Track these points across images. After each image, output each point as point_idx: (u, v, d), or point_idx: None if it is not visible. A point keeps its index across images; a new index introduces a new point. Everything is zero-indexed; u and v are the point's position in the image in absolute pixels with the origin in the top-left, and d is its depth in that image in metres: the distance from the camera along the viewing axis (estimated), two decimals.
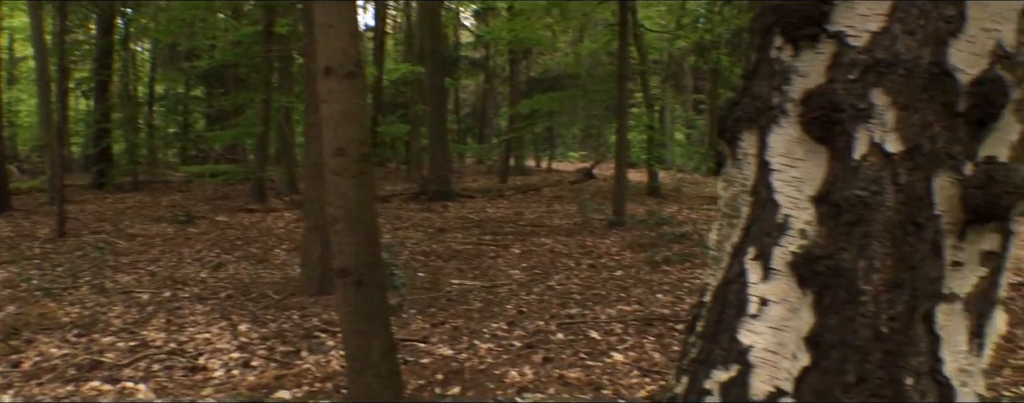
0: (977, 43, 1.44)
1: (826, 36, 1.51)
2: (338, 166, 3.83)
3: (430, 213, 15.88)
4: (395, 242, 12.04)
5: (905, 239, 1.43)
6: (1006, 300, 7.53)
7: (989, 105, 1.41)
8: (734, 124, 1.68)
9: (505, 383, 5.42)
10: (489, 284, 8.75)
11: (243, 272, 9.67)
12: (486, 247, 11.41)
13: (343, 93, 3.82)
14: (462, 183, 22.75)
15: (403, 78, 25.23)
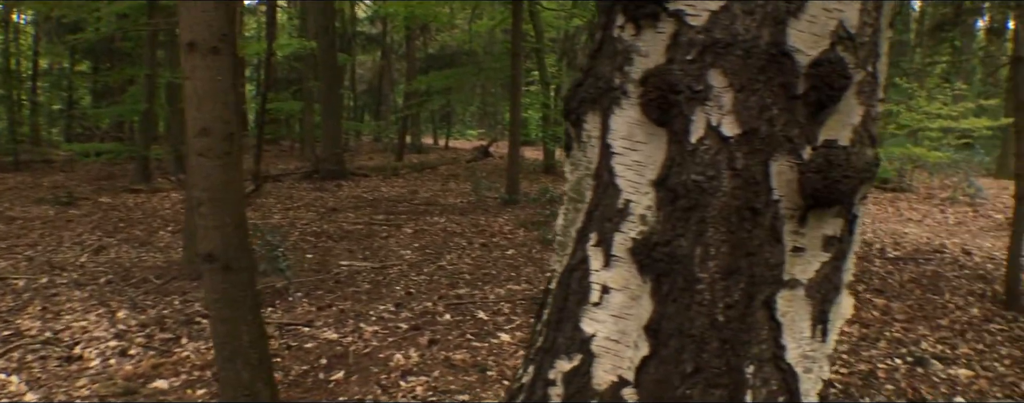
0: (818, 23, 1.39)
1: (666, 15, 1.45)
2: (202, 147, 3.66)
3: (323, 193, 15.60)
4: (285, 223, 11.80)
5: (742, 225, 1.38)
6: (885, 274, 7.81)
7: (828, 88, 1.37)
8: (578, 105, 1.61)
9: (389, 367, 5.35)
10: (379, 265, 8.63)
11: (124, 256, 9.32)
12: (378, 227, 11.26)
13: (206, 70, 3.64)
14: (357, 162, 22.43)
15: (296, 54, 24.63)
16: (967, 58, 20.29)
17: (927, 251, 9.55)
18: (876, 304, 6.87)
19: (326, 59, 17.40)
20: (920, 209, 14.49)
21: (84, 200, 14.34)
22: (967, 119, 16.03)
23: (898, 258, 9.02)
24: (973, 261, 8.97)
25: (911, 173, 17.00)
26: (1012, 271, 6.83)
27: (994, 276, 8.01)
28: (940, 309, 6.79)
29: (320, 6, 17.72)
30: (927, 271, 8.28)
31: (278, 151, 28.00)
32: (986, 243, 10.46)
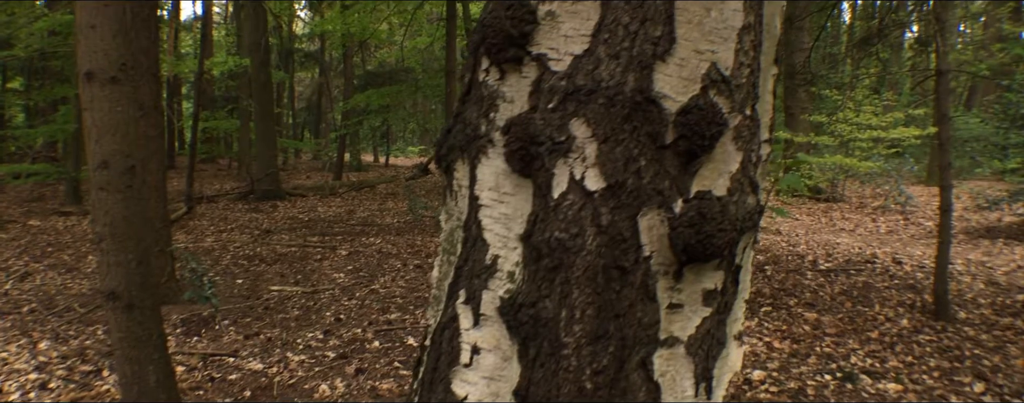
0: (687, 67, 1.31)
1: (530, 58, 1.37)
2: (102, 180, 3.51)
3: (258, 213, 15.35)
4: (217, 246, 11.57)
5: (609, 285, 1.29)
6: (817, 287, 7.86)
7: (699, 136, 1.28)
8: (447, 152, 1.51)
9: (314, 398, 5.22)
10: (311, 289, 8.47)
11: (50, 283, 9.05)
12: (312, 249, 11.08)
13: (105, 101, 3.50)
14: (295, 181, 22.15)
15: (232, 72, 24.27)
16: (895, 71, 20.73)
17: (859, 261, 9.65)
18: (807, 318, 6.89)
19: (260, 77, 17.16)
20: (853, 218, 14.71)
21: (12, 223, 13.95)
22: (896, 129, 16.33)
23: (830, 270, 9.09)
24: (903, 270, 9.08)
25: (844, 183, 17.26)
26: (940, 281, 6.91)
27: (924, 285, 8.10)
28: (870, 321, 6.83)
29: (253, 23, 17.46)
30: (858, 282, 8.35)
31: (215, 170, 27.56)
32: (917, 251, 10.61)
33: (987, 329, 6.55)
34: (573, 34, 1.33)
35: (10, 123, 26.81)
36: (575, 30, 1.33)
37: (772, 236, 11.75)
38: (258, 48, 16.94)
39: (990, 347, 6.06)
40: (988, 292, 7.89)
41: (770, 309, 7.26)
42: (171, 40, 29.23)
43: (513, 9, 1.35)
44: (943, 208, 7.03)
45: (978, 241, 11.68)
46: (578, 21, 1.33)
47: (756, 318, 6.93)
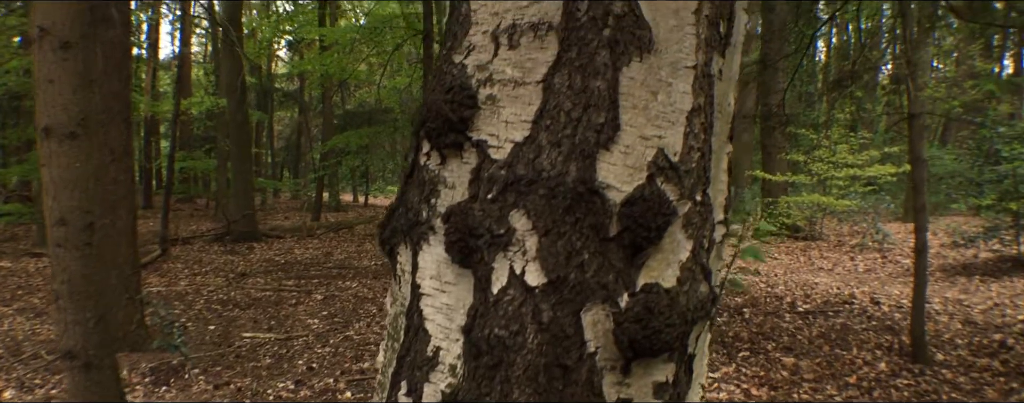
0: (633, 154, 1.26)
1: (471, 145, 1.32)
2: (59, 237, 3.43)
3: (234, 256, 15.20)
4: (191, 290, 11.43)
5: (551, 384, 1.23)
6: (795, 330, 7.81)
7: (645, 228, 1.23)
8: (390, 236, 1.46)
9: None
10: (284, 336, 8.35)
11: (18, 328, 8.89)
12: (288, 293, 10.95)
13: (64, 157, 3.44)
14: (272, 221, 22.00)
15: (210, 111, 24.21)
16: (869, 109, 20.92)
17: (837, 302, 9.62)
18: (785, 364, 6.83)
19: (236, 118, 17.10)
20: (831, 257, 14.72)
21: None
22: (872, 167, 16.43)
23: (808, 312, 9.06)
24: (881, 311, 9.06)
25: (822, 221, 17.32)
26: (917, 323, 6.88)
27: (901, 326, 8.08)
28: (848, 366, 6.78)
29: (229, 65, 17.43)
30: (836, 324, 8.32)
31: (193, 209, 27.39)
32: (895, 290, 10.61)
33: (965, 371, 6.52)
34: (514, 120, 1.28)
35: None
36: (516, 115, 1.28)
37: (751, 277, 11.73)
38: (235, 89, 16.89)
39: (967, 390, 6.02)
40: (965, 332, 7.87)
41: (748, 354, 7.20)
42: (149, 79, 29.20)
43: (453, 92, 1.31)
44: (918, 249, 7.03)
45: (955, 278, 11.70)
46: (519, 106, 1.28)
47: (734, 364, 6.87)
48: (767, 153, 17.18)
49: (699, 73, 1.31)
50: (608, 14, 1.25)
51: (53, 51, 3.41)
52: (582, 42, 1.26)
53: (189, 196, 29.84)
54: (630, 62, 1.26)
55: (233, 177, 18.00)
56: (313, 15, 22.75)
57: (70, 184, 3.42)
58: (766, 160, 17.23)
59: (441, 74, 1.38)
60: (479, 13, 1.34)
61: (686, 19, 1.29)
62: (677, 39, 1.28)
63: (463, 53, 1.35)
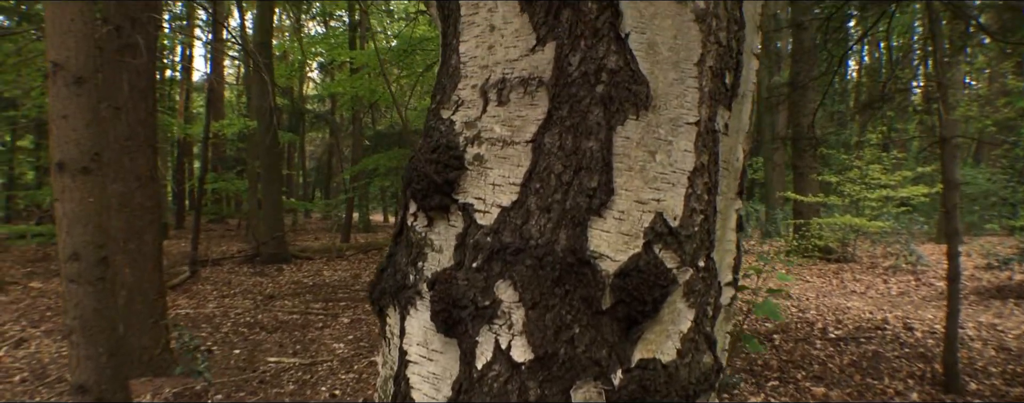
0: (628, 221, 1.18)
1: (457, 207, 1.24)
2: (72, 272, 3.40)
3: (263, 277, 15.22)
4: (219, 312, 11.44)
5: None
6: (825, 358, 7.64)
7: (640, 302, 1.14)
8: (379, 296, 1.39)
9: None
10: (309, 361, 8.30)
11: (45, 351, 8.91)
12: (314, 316, 10.92)
13: (77, 192, 3.41)
14: (302, 242, 22.06)
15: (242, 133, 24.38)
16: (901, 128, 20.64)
17: (869, 328, 9.42)
18: (815, 394, 6.67)
19: (266, 141, 17.18)
20: (863, 279, 14.46)
21: (13, 285, 13.85)
22: (905, 187, 16.18)
23: (839, 338, 8.87)
24: (914, 337, 8.85)
25: (854, 242, 17.06)
26: (949, 352, 6.70)
27: (934, 354, 7.88)
28: (880, 395, 6.61)
29: (259, 88, 17.54)
30: (868, 352, 8.13)
31: (224, 230, 27.56)
32: (928, 314, 10.38)
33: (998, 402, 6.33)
34: (502, 182, 1.20)
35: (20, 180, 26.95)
36: (504, 178, 1.20)
37: (782, 300, 11.53)
38: (265, 112, 16.98)
39: None
40: (999, 360, 7.66)
41: (777, 383, 7.04)
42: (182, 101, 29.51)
43: (438, 152, 1.23)
44: (951, 277, 6.85)
45: (989, 302, 11.44)
46: (507, 167, 1.20)
47: (762, 394, 6.71)
48: (798, 174, 16.97)
49: (702, 129, 1.23)
50: (602, 69, 1.17)
51: (66, 86, 3.39)
52: (574, 99, 1.18)
53: (221, 216, 30.05)
54: (625, 120, 1.18)
55: (263, 199, 18.07)
56: (344, 38, 22.87)
57: (83, 219, 3.40)
58: (798, 181, 17.02)
59: (428, 130, 1.30)
60: (468, 66, 1.27)
61: (688, 72, 1.21)
62: (678, 93, 1.20)
63: (451, 108, 1.28)
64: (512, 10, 1.23)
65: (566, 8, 1.18)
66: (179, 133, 23.51)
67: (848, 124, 18.93)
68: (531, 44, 1.21)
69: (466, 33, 1.29)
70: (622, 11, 1.18)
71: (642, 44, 1.18)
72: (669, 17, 1.20)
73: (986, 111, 20.67)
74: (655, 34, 1.19)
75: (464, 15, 1.29)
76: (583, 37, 1.17)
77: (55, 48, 3.50)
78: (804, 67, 14.08)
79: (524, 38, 1.22)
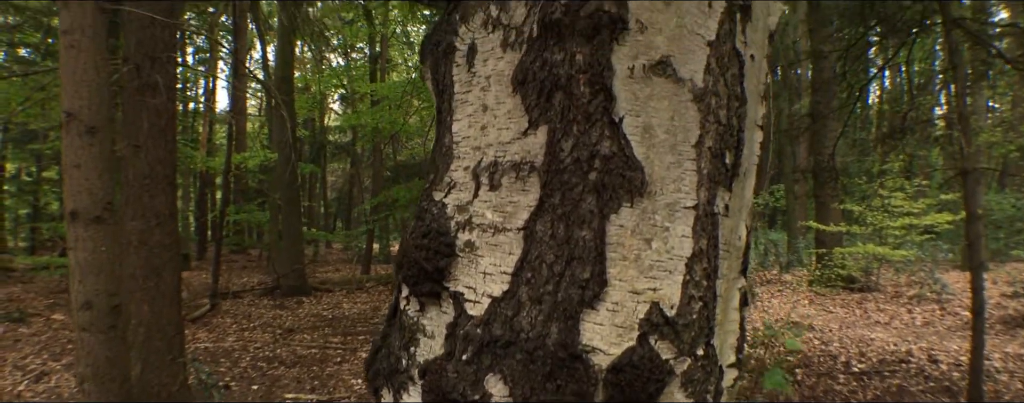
0: (622, 312, 1.13)
1: (448, 294, 1.21)
2: (85, 321, 3.39)
3: (283, 310, 15.22)
4: (238, 346, 11.44)
5: None
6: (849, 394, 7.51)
7: (635, 396, 1.09)
8: (374, 377, 1.35)
9: None
10: (326, 398, 8.26)
11: (64, 385, 8.92)
12: (333, 351, 10.89)
13: (90, 241, 3.41)
14: (322, 274, 22.09)
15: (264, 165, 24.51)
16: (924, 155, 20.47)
17: (893, 361, 9.27)
18: None
19: (286, 174, 17.26)
20: (887, 310, 14.27)
21: (36, 316, 13.91)
22: (929, 215, 16.01)
23: (863, 372, 8.73)
24: (939, 370, 8.71)
25: (878, 271, 16.87)
26: (974, 388, 6.57)
27: (960, 387, 7.74)
28: None
29: (280, 121, 17.66)
30: (892, 386, 7.99)
31: (246, 261, 27.66)
32: (953, 345, 10.22)
33: None
34: (493, 271, 1.17)
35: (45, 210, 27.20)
36: (495, 266, 1.17)
37: (805, 333, 11.39)
38: (285, 145, 17.07)
39: None
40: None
41: None
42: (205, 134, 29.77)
43: (429, 238, 1.20)
44: (975, 310, 6.74)
45: (1016, 331, 11.26)
46: (499, 255, 1.17)
47: None
48: (820, 203, 16.84)
49: (701, 213, 1.19)
50: (595, 156, 1.14)
51: (80, 136, 3.40)
52: (566, 186, 1.14)
53: (242, 247, 30.17)
54: (619, 208, 1.14)
55: (283, 231, 18.13)
56: (365, 69, 23.01)
57: (96, 268, 3.39)
58: (819, 210, 16.88)
59: (421, 212, 1.28)
60: (461, 146, 1.25)
61: (685, 154, 1.18)
62: (675, 177, 1.17)
63: (444, 190, 1.25)
64: (504, 91, 1.21)
65: (558, 91, 1.15)
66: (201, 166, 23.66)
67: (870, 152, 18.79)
68: (523, 127, 1.18)
69: (459, 111, 1.26)
70: (616, 95, 1.15)
71: (637, 128, 1.15)
72: (665, 98, 1.17)
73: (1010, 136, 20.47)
74: (651, 116, 1.16)
75: (457, 92, 1.27)
76: (576, 122, 1.15)
77: (69, 97, 3.52)
78: (824, 97, 14.01)
79: (516, 120, 1.19)
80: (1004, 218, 18.16)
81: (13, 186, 26.74)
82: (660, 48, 1.17)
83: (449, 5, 1.34)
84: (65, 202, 3.48)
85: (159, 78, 7.57)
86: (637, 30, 1.16)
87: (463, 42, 1.28)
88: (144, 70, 7.52)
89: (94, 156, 3.46)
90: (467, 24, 1.28)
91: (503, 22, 1.22)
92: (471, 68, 1.26)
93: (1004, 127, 21.55)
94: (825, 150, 13.79)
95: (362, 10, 21.96)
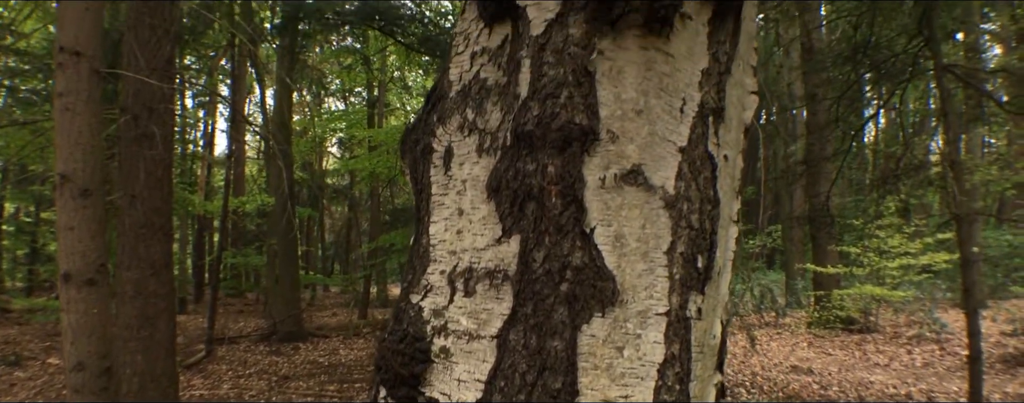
0: None
1: (425, 400, 1.21)
2: (77, 382, 3.39)
3: (279, 356, 15.12)
4: (233, 394, 11.35)
5: None
6: None
7: None
8: None
9: None
10: None
11: None
12: (329, 399, 10.81)
13: (82, 303, 3.42)
14: (320, 318, 21.99)
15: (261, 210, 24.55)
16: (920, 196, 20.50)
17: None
18: None
19: (283, 219, 17.25)
20: (887, 351, 14.21)
21: (32, 360, 13.80)
22: (926, 255, 16.00)
23: None
24: None
25: (877, 311, 16.83)
26: None
27: None
28: None
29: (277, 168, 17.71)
30: None
31: (243, 305, 27.54)
32: (953, 386, 10.18)
33: None
34: (467, 379, 1.18)
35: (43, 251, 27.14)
36: (469, 374, 1.18)
37: (803, 376, 11.36)
38: (282, 191, 17.10)
39: None
40: None
41: None
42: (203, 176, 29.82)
43: (405, 343, 1.21)
44: (973, 356, 6.73)
45: (1016, 370, 11.21)
46: (473, 363, 1.18)
47: None
48: (817, 245, 16.85)
49: (673, 318, 1.20)
50: (566, 267, 1.16)
51: (73, 198, 3.43)
52: (538, 297, 1.16)
53: (239, 291, 30.05)
54: (590, 319, 1.16)
55: (280, 276, 18.08)
56: (363, 114, 23.15)
57: (88, 330, 3.40)
58: (817, 252, 16.88)
59: (398, 313, 1.29)
60: (438, 249, 1.26)
61: (657, 261, 1.19)
62: (647, 284, 1.18)
63: (420, 293, 1.27)
64: (479, 196, 1.23)
65: (531, 201, 1.17)
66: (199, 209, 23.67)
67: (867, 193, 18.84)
68: (497, 234, 1.20)
69: (436, 213, 1.28)
70: (587, 206, 1.17)
71: (608, 237, 1.17)
72: (637, 207, 1.19)
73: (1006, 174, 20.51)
74: (622, 225, 1.18)
75: (435, 194, 1.29)
76: (547, 233, 1.16)
77: (63, 159, 3.54)
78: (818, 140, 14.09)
79: (491, 227, 1.21)
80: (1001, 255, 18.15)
81: (12, 226, 26.72)
82: (631, 157, 1.19)
83: (427, 104, 1.37)
84: (58, 264, 3.50)
85: (156, 129, 7.62)
86: (608, 140, 1.18)
87: (441, 143, 1.30)
88: (141, 120, 7.58)
89: (88, 218, 3.48)
90: (444, 126, 1.30)
91: (479, 126, 1.25)
92: (448, 170, 1.28)
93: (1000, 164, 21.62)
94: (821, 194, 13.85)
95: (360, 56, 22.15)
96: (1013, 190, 19.78)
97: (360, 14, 14.77)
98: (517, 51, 1.23)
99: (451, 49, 1.36)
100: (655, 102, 1.20)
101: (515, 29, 1.25)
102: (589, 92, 1.17)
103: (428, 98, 1.38)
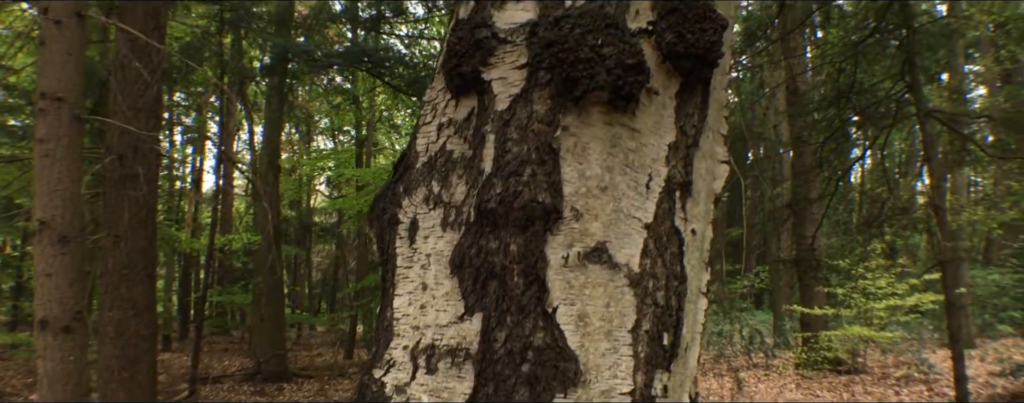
0: None
1: None
2: None
3: (262, 397, 14.97)
4: None
5: None
6: None
7: None
8: None
9: None
10: None
11: None
12: None
13: (58, 350, 3.37)
14: (305, 358, 21.80)
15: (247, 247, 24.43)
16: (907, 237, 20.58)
17: None
18: None
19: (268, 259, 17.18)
20: (875, 392, 14.15)
21: (14, 397, 13.64)
22: (913, 296, 16.01)
23: None
24: None
25: (865, 352, 16.79)
26: None
27: None
28: None
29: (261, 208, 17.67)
30: None
31: (227, 343, 27.30)
32: None
33: None
34: None
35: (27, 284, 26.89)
36: None
37: None
38: (267, 231, 17.04)
39: None
40: None
41: None
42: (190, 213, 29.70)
43: None
44: (959, 400, 6.72)
45: None
46: None
47: None
48: (804, 286, 16.84)
49: (638, 397, 1.19)
50: (528, 348, 1.14)
51: (51, 245, 3.40)
52: (499, 378, 1.14)
53: (224, 329, 29.80)
54: (552, 400, 1.14)
55: (265, 316, 17.94)
56: (351, 153, 23.18)
57: (63, 378, 3.36)
58: (804, 293, 16.87)
59: (362, 387, 1.27)
60: (401, 323, 1.25)
61: (621, 340, 1.18)
62: (611, 364, 1.17)
63: (383, 368, 1.25)
64: (443, 271, 1.22)
65: (493, 280, 1.17)
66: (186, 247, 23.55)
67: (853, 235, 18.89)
68: (460, 312, 1.19)
69: (401, 286, 1.27)
70: (549, 286, 1.16)
71: (571, 317, 1.16)
72: (601, 285, 1.18)
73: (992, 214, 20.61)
74: (586, 304, 1.17)
75: (400, 266, 1.28)
76: (509, 312, 1.15)
77: (42, 206, 3.52)
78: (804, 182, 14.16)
79: (454, 303, 1.20)
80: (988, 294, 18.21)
81: None
82: (595, 235, 1.18)
83: (395, 173, 1.37)
84: (35, 311, 3.46)
85: (140, 170, 7.60)
86: (572, 217, 1.18)
87: (406, 215, 1.30)
88: (127, 161, 7.56)
89: (66, 265, 3.45)
90: (410, 197, 1.30)
91: (444, 200, 1.25)
92: (413, 243, 1.27)
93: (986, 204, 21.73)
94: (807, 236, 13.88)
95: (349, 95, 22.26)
96: (1000, 230, 19.87)
97: (348, 56, 14.85)
98: (483, 125, 1.24)
99: (419, 118, 1.36)
100: (620, 178, 1.20)
101: (481, 102, 1.26)
102: (552, 170, 1.17)
103: (396, 166, 1.38)
